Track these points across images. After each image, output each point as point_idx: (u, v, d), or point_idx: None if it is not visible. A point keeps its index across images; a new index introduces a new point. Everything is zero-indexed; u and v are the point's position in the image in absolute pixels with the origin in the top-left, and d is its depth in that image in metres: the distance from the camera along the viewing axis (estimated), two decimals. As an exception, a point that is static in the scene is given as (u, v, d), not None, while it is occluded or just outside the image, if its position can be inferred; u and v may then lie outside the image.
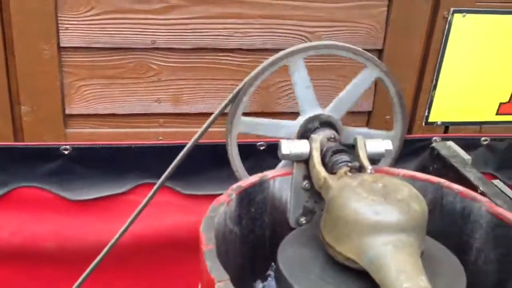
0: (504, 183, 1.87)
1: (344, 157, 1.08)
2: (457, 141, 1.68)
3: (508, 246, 1.03)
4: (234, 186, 1.09)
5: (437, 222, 1.17)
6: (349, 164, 1.06)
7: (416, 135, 1.76)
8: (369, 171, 1.01)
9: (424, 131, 1.77)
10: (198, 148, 1.34)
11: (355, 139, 1.13)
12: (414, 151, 1.78)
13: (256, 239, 1.14)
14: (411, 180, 1.17)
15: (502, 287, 1.05)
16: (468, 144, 1.77)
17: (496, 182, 1.50)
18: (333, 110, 1.24)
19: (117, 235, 1.34)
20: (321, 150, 1.12)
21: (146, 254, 1.71)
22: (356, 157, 1.11)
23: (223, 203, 1.03)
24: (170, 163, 1.27)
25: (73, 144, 1.55)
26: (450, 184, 1.14)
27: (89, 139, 1.59)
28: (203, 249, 0.91)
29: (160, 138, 1.64)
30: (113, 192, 1.65)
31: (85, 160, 1.58)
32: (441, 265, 0.99)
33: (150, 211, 1.72)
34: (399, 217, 0.89)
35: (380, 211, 0.89)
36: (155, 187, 1.32)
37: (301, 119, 1.22)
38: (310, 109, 1.22)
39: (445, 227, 1.15)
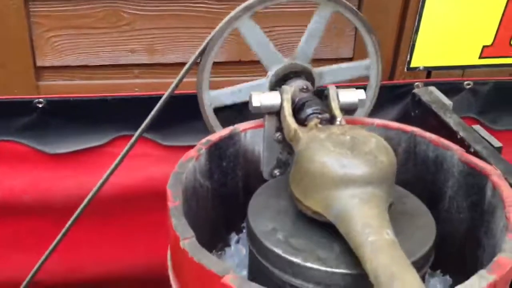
0: (487, 127, 1.87)
1: (316, 108, 1.06)
2: (440, 86, 1.66)
3: (480, 195, 1.03)
4: (204, 140, 1.07)
5: (411, 171, 1.16)
6: (319, 116, 1.04)
7: (398, 80, 1.74)
8: (338, 122, 0.99)
9: (406, 76, 1.74)
10: (175, 99, 1.31)
11: (327, 90, 1.11)
12: (396, 97, 1.76)
13: (229, 192, 1.14)
14: (385, 129, 1.16)
15: (473, 235, 1.05)
16: (451, 89, 1.75)
17: (477, 127, 1.48)
18: (299, 57, 1.21)
19: (97, 186, 1.34)
20: (293, 101, 1.10)
21: (128, 205, 1.71)
22: (328, 108, 1.09)
23: (192, 158, 1.02)
24: (148, 115, 1.25)
25: (47, 97, 1.52)
26: (423, 133, 1.12)
27: (63, 91, 1.56)
28: (169, 206, 0.90)
29: (136, 89, 1.61)
30: (91, 145, 1.63)
31: (60, 113, 1.55)
32: (411, 217, 0.99)
33: (130, 163, 1.71)
34: (365, 169, 0.88)
35: (346, 164, 0.88)
36: (132, 138, 1.31)
37: (269, 74, 1.19)
38: (274, 64, 1.19)
39: (418, 175, 1.15)
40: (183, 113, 1.58)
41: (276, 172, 1.16)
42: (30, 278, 1.43)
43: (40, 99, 1.51)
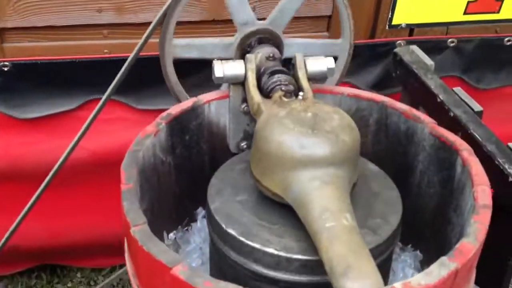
0: (471, 86, 1.82)
1: (281, 79, 1.01)
2: (423, 44, 1.60)
3: (450, 170, 0.99)
4: (164, 114, 1.02)
5: (382, 143, 1.12)
6: (283, 88, 0.99)
7: (379, 39, 1.67)
8: (300, 97, 0.94)
9: (388, 35, 1.67)
10: (148, 61, 1.26)
11: (294, 58, 1.05)
12: (378, 56, 1.70)
13: (194, 167, 1.10)
14: (356, 99, 1.11)
15: (443, 211, 1.02)
16: (434, 47, 1.69)
17: (458, 90, 1.43)
18: (273, 22, 1.14)
19: (67, 150, 1.29)
20: (258, 70, 1.05)
21: (104, 170, 1.67)
22: (295, 77, 1.04)
23: (150, 134, 0.98)
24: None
25: (12, 60, 1.46)
26: (394, 104, 1.08)
27: (29, 54, 1.50)
28: (121, 189, 0.86)
29: (106, 51, 1.54)
30: (63, 109, 1.59)
31: (27, 77, 1.50)
32: (378, 194, 0.95)
33: (105, 127, 1.68)
34: (326, 150, 0.84)
35: (305, 144, 0.84)
36: (100, 102, 1.26)
37: (237, 36, 1.13)
38: (246, 24, 1.13)
39: (390, 147, 1.11)
40: (156, 75, 1.52)
41: (243, 144, 1.12)
42: (5, 242, 1.41)
43: (6, 62, 1.45)
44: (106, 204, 1.73)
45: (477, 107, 1.36)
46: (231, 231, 0.87)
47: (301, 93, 0.96)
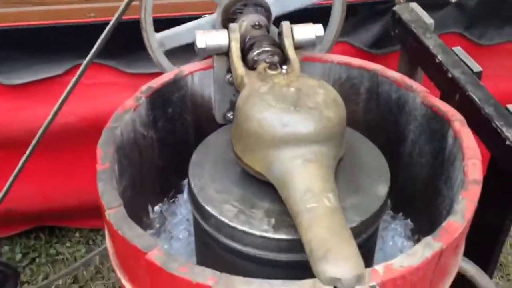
0: (473, 42, 1.76)
1: (265, 50, 0.96)
2: (423, 1, 1.53)
3: (442, 142, 0.96)
4: (144, 87, 0.98)
5: (373, 111, 1.08)
6: (267, 60, 0.94)
7: (378, -4, 1.61)
8: (284, 70, 0.90)
9: (387, -9, 1.61)
10: (134, 24, 1.21)
11: (281, 26, 1.00)
12: (376, 15, 1.65)
13: (178, 139, 1.07)
14: (346, 67, 1.06)
15: (434, 183, 0.99)
16: (436, 3, 1.63)
17: (457, 49, 1.38)
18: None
19: (50, 115, 1.26)
20: (243, 40, 1.00)
21: (94, 135, 1.64)
22: (282, 47, 0.99)
23: (129, 109, 0.94)
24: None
25: (-3, 26, 1.42)
26: (386, 72, 1.03)
27: (13, 19, 1.45)
28: (96, 169, 0.83)
29: (92, 14, 1.50)
30: (49, 75, 1.55)
31: (12, 43, 1.47)
32: (365, 167, 0.92)
33: (94, 92, 1.64)
34: (309, 127, 0.80)
35: (287, 122, 0.80)
36: (82, 66, 1.22)
37: (218, 10, 1.07)
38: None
39: (381, 116, 1.07)
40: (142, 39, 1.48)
41: (230, 115, 1.08)
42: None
43: (-12, 29, 1.41)
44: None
45: (477, 67, 1.30)
46: (210, 209, 0.85)
47: (284, 67, 0.91)
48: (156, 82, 0.99)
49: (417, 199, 1.05)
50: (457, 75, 1.24)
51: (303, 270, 0.70)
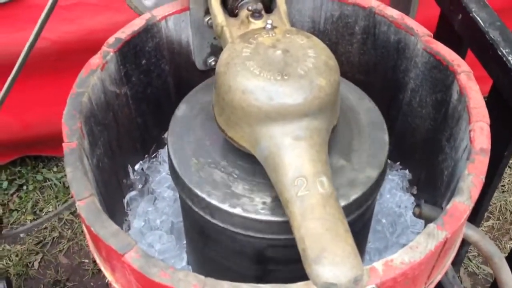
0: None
1: (248, -7, 0.84)
2: None
3: (445, 93, 0.86)
4: (111, 40, 0.86)
5: (370, 54, 0.98)
6: (250, 7, 0.82)
7: None
8: (269, 25, 0.78)
9: None
10: None
11: (265, -38, 0.87)
12: None
13: (156, 91, 0.97)
14: (339, 3, 0.94)
15: (435, 137, 0.91)
16: None
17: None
18: None
19: (30, 38, 1.14)
20: (223, -21, 0.87)
21: (69, 59, 1.54)
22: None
23: (95, 69, 0.83)
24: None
25: None
26: (384, 10, 0.91)
27: None
28: (63, 150, 0.74)
29: None
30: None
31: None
32: (360, 136, 0.84)
33: (75, 13, 1.52)
34: (298, 99, 0.71)
35: (274, 94, 0.70)
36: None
37: None
38: None
39: (378, 60, 0.97)
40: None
41: (211, 61, 0.97)
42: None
43: None
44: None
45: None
46: (195, 188, 0.77)
47: (269, 21, 0.79)
48: (125, 32, 0.87)
49: (416, 151, 0.98)
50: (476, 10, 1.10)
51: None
